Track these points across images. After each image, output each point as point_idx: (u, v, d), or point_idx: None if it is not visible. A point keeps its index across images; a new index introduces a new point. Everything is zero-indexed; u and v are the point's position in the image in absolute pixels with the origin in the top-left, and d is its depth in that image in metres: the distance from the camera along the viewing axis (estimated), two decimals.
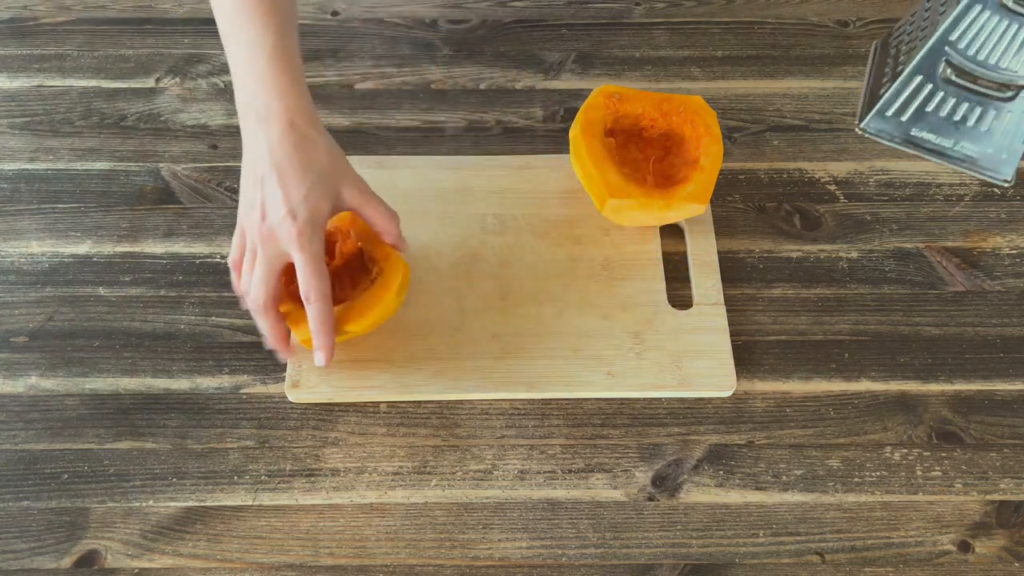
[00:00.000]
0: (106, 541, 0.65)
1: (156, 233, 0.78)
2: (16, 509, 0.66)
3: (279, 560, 0.64)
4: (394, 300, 0.68)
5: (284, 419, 0.70)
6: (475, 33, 0.92)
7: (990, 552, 0.65)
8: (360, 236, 0.71)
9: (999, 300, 0.76)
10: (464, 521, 0.66)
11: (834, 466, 0.68)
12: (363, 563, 0.64)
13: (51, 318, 0.74)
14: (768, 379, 0.72)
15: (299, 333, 0.67)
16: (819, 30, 0.93)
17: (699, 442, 0.69)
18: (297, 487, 0.67)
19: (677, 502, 0.67)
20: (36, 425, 0.69)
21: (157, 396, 0.71)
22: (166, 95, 0.87)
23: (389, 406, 0.71)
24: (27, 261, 0.77)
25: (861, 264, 0.78)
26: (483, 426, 0.70)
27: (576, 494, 0.67)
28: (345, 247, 0.71)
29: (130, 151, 0.83)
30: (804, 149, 0.84)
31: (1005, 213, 0.81)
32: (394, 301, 0.68)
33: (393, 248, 0.69)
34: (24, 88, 0.87)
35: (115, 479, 0.67)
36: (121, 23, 0.92)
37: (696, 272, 0.76)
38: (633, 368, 0.71)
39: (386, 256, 0.69)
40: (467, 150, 0.83)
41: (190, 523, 0.66)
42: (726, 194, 0.81)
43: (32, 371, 0.72)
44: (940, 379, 0.72)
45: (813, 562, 0.65)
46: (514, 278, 0.75)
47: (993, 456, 0.69)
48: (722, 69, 0.90)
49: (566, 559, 0.65)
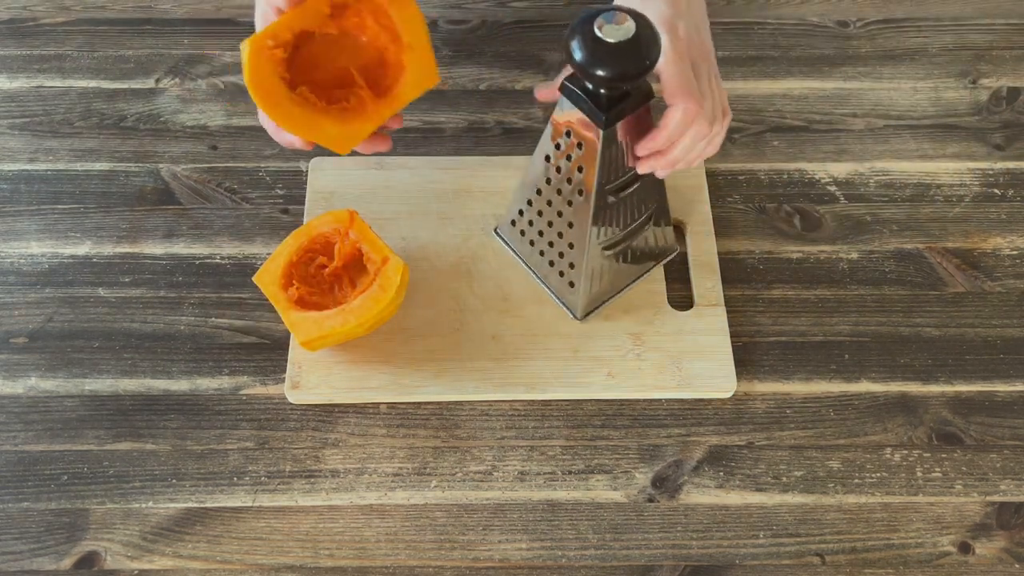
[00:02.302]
0: (106, 542, 0.65)
1: (156, 234, 0.78)
2: (16, 510, 0.66)
3: (279, 561, 0.64)
4: (393, 301, 0.68)
5: (284, 420, 0.70)
6: (475, 33, 0.92)
7: (990, 553, 0.65)
8: (359, 237, 0.71)
9: (999, 301, 0.76)
10: (464, 522, 0.66)
11: (834, 467, 0.68)
12: (363, 564, 0.64)
13: (51, 319, 0.74)
14: (768, 380, 0.72)
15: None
16: (819, 30, 0.93)
17: (699, 443, 0.69)
18: (297, 488, 0.67)
19: (677, 503, 0.67)
20: (36, 426, 0.69)
21: (157, 397, 0.71)
22: (166, 96, 0.87)
23: (389, 407, 0.70)
24: (27, 262, 0.77)
25: (861, 265, 0.78)
26: (483, 427, 0.70)
27: (576, 495, 0.67)
28: (344, 248, 0.71)
29: (130, 152, 0.83)
30: (804, 150, 0.84)
31: (1005, 214, 0.81)
32: (393, 302, 0.68)
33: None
34: (24, 89, 0.87)
35: (115, 480, 0.67)
36: (121, 23, 0.92)
37: (696, 273, 0.76)
38: (633, 369, 0.71)
39: (384, 258, 0.69)
40: (467, 150, 0.83)
41: (190, 524, 0.66)
42: (726, 195, 0.81)
43: (32, 372, 0.72)
44: (940, 380, 0.72)
45: (813, 563, 0.65)
46: (514, 279, 0.75)
47: (993, 457, 0.69)
48: (722, 69, 0.89)
49: (566, 560, 0.65)
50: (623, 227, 0.69)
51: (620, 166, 0.64)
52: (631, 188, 0.66)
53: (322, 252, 0.71)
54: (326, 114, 0.62)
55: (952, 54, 0.91)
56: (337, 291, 0.71)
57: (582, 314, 0.72)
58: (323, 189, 0.79)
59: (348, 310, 0.68)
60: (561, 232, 0.69)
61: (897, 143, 0.85)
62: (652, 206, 0.70)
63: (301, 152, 0.83)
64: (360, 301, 0.68)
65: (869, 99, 0.88)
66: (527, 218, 0.72)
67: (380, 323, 0.70)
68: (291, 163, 0.82)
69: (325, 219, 0.71)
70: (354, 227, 0.71)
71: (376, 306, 0.68)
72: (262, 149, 0.83)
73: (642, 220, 0.70)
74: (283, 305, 0.68)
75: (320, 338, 0.67)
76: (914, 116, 0.87)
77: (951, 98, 0.88)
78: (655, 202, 0.70)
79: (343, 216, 0.71)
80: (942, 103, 0.88)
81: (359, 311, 0.67)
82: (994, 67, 0.90)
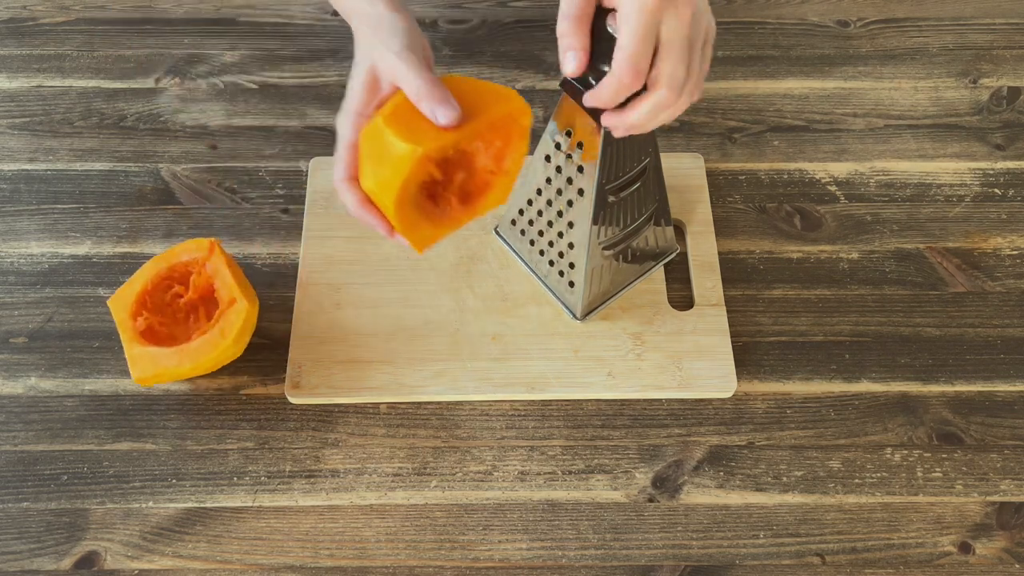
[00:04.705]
0: (106, 542, 0.65)
1: (156, 234, 0.78)
2: (16, 510, 0.66)
3: (279, 561, 0.64)
4: (231, 347, 0.67)
5: (284, 420, 0.70)
6: (475, 33, 0.92)
7: (991, 553, 0.65)
8: (214, 271, 0.69)
9: (1000, 301, 0.76)
10: (464, 522, 0.66)
11: (835, 467, 0.68)
12: (363, 564, 0.64)
13: (51, 319, 0.74)
14: (768, 380, 0.72)
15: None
16: (819, 30, 0.93)
17: (699, 443, 0.69)
18: (297, 488, 0.67)
19: (677, 503, 0.67)
20: (35, 426, 0.69)
21: (157, 397, 0.71)
22: (166, 95, 0.87)
23: (389, 407, 0.70)
24: (27, 262, 0.77)
25: (862, 265, 0.78)
26: (483, 427, 0.70)
27: (576, 495, 0.67)
28: (199, 280, 0.70)
29: (130, 151, 0.83)
30: (804, 150, 0.84)
31: (1006, 214, 0.81)
32: (232, 347, 0.67)
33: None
34: (24, 88, 0.87)
35: (115, 480, 0.67)
36: (121, 23, 0.92)
37: (696, 273, 0.76)
38: (633, 369, 0.71)
39: (232, 299, 0.68)
40: None
41: (190, 524, 0.66)
42: (726, 195, 0.81)
43: (32, 372, 0.72)
44: (941, 380, 0.72)
45: (813, 563, 0.65)
46: (514, 279, 0.75)
47: (994, 457, 0.69)
48: (722, 69, 0.90)
49: (566, 560, 0.65)
50: (623, 227, 0.69)
51: (620, 166, 0.64)
52: (631, 188, 0.66)
53: (179, 281, 0.70)
54: (427, 218, 0.62)
55: (952, 54, 0.91)
56: (192, 322, 0.70)
57: (582, 314, 0.72)
58: (323, 189, 0.79)
59: (185, 351, 0.67)
60: (561, 232, 0.69)
61: (897, 143, 0.85)
62: (652, 206, 0.70)
63: (302, 153, 0.83)
64: (198, 344, 0.67)
65: (869, 99, 0.88)
66: (527, 218, 0.72)
67: (221, 364, 0.69)
68: (291, 163, 0.82)
69: (188, 247, 0.70)
70: (212, 259, 0.70)
71: (213, 351, 0.67)
72: (262, 149, 0.83)
73: (642, 220, 0.70)
74: (128, 335, 0.67)
75: (155, 376, 0.66)
76: (914, 116, 0.87)
77: (951, 98, 0.88)
78: (655, 202, 0.70)
79: (204, 245, 0.70)
80: (942, 103, 0.88)
81: (196, 354, 0.66)
82: (994, 67, 0.90)
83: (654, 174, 0.67)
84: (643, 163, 0.66)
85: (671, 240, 0.75)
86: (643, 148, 0.65)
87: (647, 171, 0.66)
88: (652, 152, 0.66)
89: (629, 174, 0.65)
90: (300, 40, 0.91)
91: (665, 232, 0.74)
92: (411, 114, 0.58)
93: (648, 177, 0.67)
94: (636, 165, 0.65)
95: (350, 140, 0.62)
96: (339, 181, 0.63)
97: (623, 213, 0.68)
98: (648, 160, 0.66)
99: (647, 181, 0.67)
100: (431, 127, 0.58)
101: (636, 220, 0.69)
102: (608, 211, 0.66)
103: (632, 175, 0.66)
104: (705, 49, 0.57)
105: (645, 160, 0.66)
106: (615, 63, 0.53)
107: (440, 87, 0.58)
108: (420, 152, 0.56)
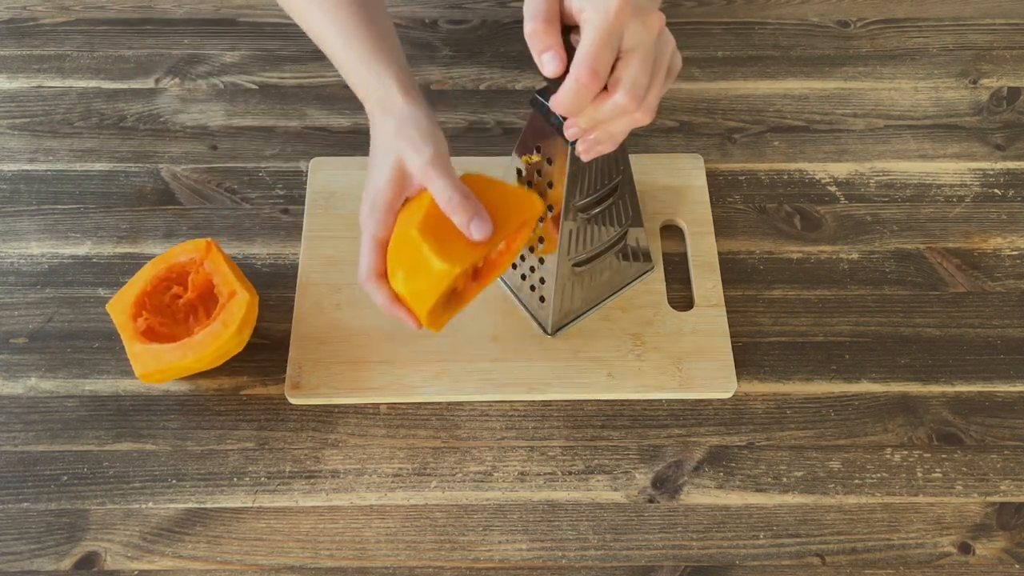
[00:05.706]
0: (106, 543, 0.65)
1: (156, 234, 0.78)
2: (16, 511, 0.66)
3: (279, 562, 0.64)
4: (235, 336, 0.67)
5: (284, 421, 0.70)
6: (475, 33, 0.92)
7: (991, 554, 0.65)
8: (212, 268, 0.70)
9: (1000, 301, 0.76)
10: (464, 523, 0.66)
11: (834, 468, 0.68)
12: (363, 565, 0.64)
13: (51, 319, 0.74)
14: (768, 380, 0.72)
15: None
16: (819, 30, 0.93)
17: (699, 444, 0.69)
18: (297, 489, 0.67)
19: (677, 504, 0.67)
20: (36, 427, 0.69)
21: (156, 397, 0.71)
22: (166, 96, 0.87)
23: (389, 408, 0.70)
24: (27, 262, 0.77)
25: (862, 265, 0.78)
26: (483, 428, 0.70)
27: (576, 496, 0.67)
28: (197, 279, 0.70)
29: (130, 152, 0.83)
30: (804, 150, 0.84)
31: (1006, 214, 0.81)
32: (235, 337, 0.67)
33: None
34: (24, 89, 0.87)
35: (115, 481, 0.67)
36: (121, 23, 0.92)
37: (696, 273, 0.76)
38: (633, 369, 0.71)
39: (232, 292, 0.68)
40: (467, 150, 0.83)
41: (190, 525, 0.66)
42: (726, 195, 0.81)
43: (32, 372, 0.72)
44: (941, 380, 0.72)
45: (814, 564, 0.65)
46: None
47: (994, 458, 0.69)
48: (722, 69, 0.90)
49: (566, 561, 0.65)
50: (594, 244, 0.68)
51: (591, 183, 0.64)
52: (602, 206, 0.66)
53: (177, 282, 0.71)
54: (447, 308, 0.64)
55: (952, 54, 0.91)
56: (192, 322, 0.71)
57: (552, 329, 0.72)
58: (323, 189, 0.79)
59: (188, 344, 0.67)
60: (532, 246, 0.69)
61: (897, 143, 0.85)
62: (625, 224, 0.69)
63: (302, 153, 0.83)
64: (201, 336, 0.67)
65: (869, 99, 0.88)
66: None
67: (224, 358, 0.69)
68: (291, 163, 0.82)
69: (185, 248, 0.71)
70: (209, 258, 0.70)
71: (215, 342, 0.67)
72: (262, 149, 0.83)
73: (615, 238, 0.70)
74: (129, 335, 0.67)
75: (159, 371, 0.66)
76: (914, 116, 0.87)
77: (951, 98, 0.88)
78: (628, 220, 0.69)
79: (201, 246, 0.70)
80: (942, 103, 0.88)
81: (199, 346, 0.67)
82: (994, 67, 0.90)
83: (627, 192, 0.67)
84: (614, 181, 0.65)
85: (647, 258, 0.75)
86: (615, 166, 0.65)
87: (618, 188, 0.66)
88: (624, 170, 0.66)
89: (599, 192, 0.65)
90: (300, 40, 0.91)
91: (640, 250, 0.73)
92: (443, 225, 0.60)
93: (620, 195, 0.66)
94: (607, 183, 0.65)
95: (380, 238, 0.62)
96: (367, 278, 0.63)
97: (595, 230, 0.67)
98: (619, 178, 0.66)
99: (619, 199, 0.67)
100: (463, 240, 0.60)
101: (608, 237, 0.69)
102: (579, 228, 0.66)
103: (603, 193, 0.65)
104: (668, 76, 0.56)
105: (616, 178, 0.65)
106: (573, 64, 0.53)
107: (471, 199, 0.60)
108: (457, 271, 0.59)
